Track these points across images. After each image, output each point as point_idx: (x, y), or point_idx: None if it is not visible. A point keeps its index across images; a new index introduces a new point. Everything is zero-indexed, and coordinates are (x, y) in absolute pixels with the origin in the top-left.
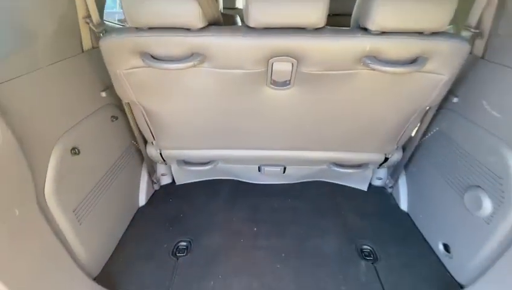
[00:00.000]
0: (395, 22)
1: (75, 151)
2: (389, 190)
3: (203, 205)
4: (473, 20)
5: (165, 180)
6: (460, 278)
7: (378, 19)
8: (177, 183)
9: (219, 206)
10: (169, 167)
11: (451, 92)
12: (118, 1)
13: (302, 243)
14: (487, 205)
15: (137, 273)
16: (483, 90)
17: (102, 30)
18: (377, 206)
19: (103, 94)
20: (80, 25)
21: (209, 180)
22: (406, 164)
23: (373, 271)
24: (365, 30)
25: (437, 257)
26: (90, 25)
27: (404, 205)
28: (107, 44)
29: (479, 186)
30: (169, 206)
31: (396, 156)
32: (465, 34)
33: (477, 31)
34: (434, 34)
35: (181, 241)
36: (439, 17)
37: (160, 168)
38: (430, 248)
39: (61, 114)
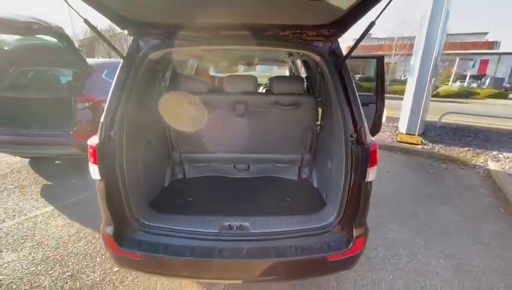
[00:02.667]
0: (283, 89)
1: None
2: (309, 179)
3: (201, 186)
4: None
5: (179, 176)
6: (327, 202)
7: (274, 88)
8: (187, 177)
9: (210, 187)
10: (183, 167)
11: (320, 119)
12: None
13: (255, 200)
14: (330, 164)
15: (169, 205)
16: (324, 117)
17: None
18: (300, 186)
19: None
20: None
21: (206, 176)
22: (314, 160)
23: (287, 207)
24: (272, 92)
25: (323, 200)
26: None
27: (316, 184)
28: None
29: (329, 157)
30: (181, 186)
31: (307, 156)
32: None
33: (321, 94)
34: (300, 94)
35: (188, 198)
36: (298, 88)
37: (177, 168)
38: (321, 198)
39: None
